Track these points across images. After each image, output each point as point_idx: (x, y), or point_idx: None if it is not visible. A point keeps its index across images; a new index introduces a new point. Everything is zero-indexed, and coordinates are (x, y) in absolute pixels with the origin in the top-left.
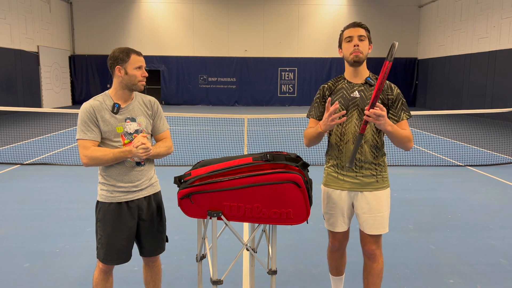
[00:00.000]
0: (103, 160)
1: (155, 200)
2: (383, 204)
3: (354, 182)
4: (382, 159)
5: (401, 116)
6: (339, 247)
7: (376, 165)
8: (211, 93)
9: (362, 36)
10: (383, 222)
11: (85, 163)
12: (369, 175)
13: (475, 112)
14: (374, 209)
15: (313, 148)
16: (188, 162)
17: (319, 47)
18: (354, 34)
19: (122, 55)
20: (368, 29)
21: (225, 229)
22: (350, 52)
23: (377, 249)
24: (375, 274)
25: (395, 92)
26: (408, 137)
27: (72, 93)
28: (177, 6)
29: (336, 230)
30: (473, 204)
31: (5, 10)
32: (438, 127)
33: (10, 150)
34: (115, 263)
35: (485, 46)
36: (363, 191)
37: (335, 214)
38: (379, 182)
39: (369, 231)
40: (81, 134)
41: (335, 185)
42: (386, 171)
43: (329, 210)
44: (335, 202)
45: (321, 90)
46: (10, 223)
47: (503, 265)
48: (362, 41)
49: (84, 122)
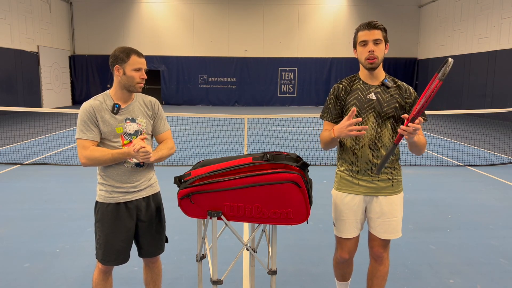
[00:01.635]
0: (101, 160)
1: (154, 201)
2: (397, 208)
3: (370, 187)
4: (397, 162)
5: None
6: (348, 258)
7: (392, 169)
8: (211, 93)
9: (377, 40)
10: (397, 227)
11: (84, 163)
12: (385, 179)
13: (475, 112)
14: (388, 214)
15: (313, 148)
16: (188, 162)
17: (319, 47)
18: (369, 38)
19: (122, 55)
20: (385, 28)
21: (225, 229)
22: (365, 57)
23: (384, 252)
24: (381, 276)
25: (413, 96)
26: (425, 144)
27: (72, 93)
28: (177, 6)
29: (347, 236)
30: (473, 204)
31: (5, 10)
32: (438, 127)
33: (10, 150)
34: (114, 263)
35: (485, 46)
36: (378, 195)
37: (348, 220)
38: (394, 186)
39: (382, 236)
40: (80, 134)
41: (349, 190)
42: (401, 175)
43: (341, 216)
44: (349, 207)
45: (335, 90)
46: (10, 223)
47: (503, 265)
48: (377, 44)
49: (83, 122)
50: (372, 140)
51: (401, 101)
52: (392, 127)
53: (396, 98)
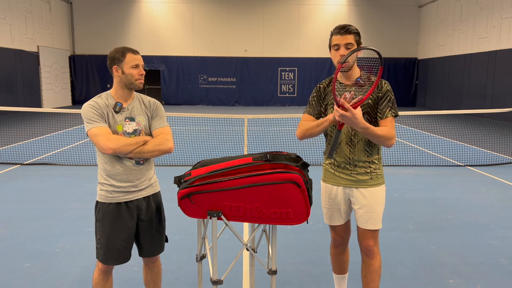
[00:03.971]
0: (126, 142)
1: (155, 201)
2: (378, 200)
3: (349, 179)
4: (377, 157)
5: (386, 113)
6: (341, 241)
7: (370, 163)
8: (211, 93)
9: (349, 44)
10: (377, 218)
11: (110, 147)
12: (363, 172)
13: (475, 112)
14: (369, 205)
15: (313, 148)
16: (188, 162)
17: (319, 47)
18: (341, 42)
19: (118, 55)
20: (358, 32)
21: (225, 229)
22: (337, 60)
23: (374, 246)
24: (373, 271)
25: (384, 89)
26: (386, 136)
27: (72, 93)
28: (177, 6)
29: (332, 224)
30: (473, 204)
31: (5, 10)
32: (438, 127)
33: (10, 150)
34: (114, 263)
35: (485, 46)
36: (359, 187)
37: (331, 209)
38: (374, 179)
39: (364, 226)
40: (94, 123)
41: (332, 181)
42: (381, 168)
43: (326, 204)
44: (332, 197)
45: (317, 90)
46: (10, 223)
47: (503, 265)
48: (349, 49)
49: (93, 115)
50: (348, 136)
51: (374, 98)
52: (368, 121)
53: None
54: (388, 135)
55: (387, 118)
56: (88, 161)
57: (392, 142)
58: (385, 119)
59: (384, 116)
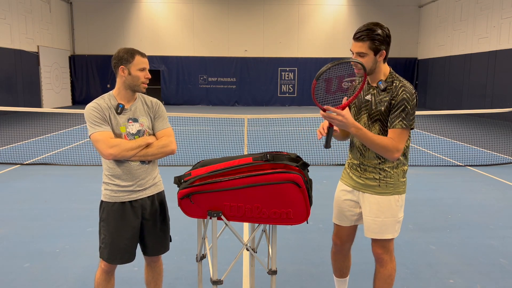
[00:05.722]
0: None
1: (159, 200)
2: (383, 210)
3: (358, 182)
4: (390, 165)
5: (394, 123)
6: (340, 246)
7: (381, 170)
8: (211, 93)
9: (361, 53)
10: (382, 228)
11: (110, 153)
12: (371, 178)
13: (475, 112)
14: (373, 213)
15: (313, 148)
16: (188, 162)
17: (319, 47)
18: (353, 49)
19: (127, 56)
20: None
21: (225, 229)
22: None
23: (383, 254)
24: (382, 278)
25: (400, 97)
26: (383, 146)
27: (72, 93)
28: (177, 6)
29: (336, 222)
30: (473, 204)
31: (5, 10)
32: (438, 127)
33: (10, 150)
34: (119, 262)
35: (485, 46)
36: (365, 192)
37: (336, 207)
38: (382, 187)
39: (367, 234)
40: (96, 128)
41: (344, 180)
42: (394, 177)
43: (336, 202)
44: (338, 196)
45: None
46: (10, 223)
47: (503, 265)
48: (361, 57)
49: (95, 118)
50: None
51: (390, 100)
52: (380, 129)
53: (385, 102)
54: (388, 146)
55: (394, 129)
56: (88, 161)
57: (394, 155)
58: (392, 130)
59: (392, 126)
